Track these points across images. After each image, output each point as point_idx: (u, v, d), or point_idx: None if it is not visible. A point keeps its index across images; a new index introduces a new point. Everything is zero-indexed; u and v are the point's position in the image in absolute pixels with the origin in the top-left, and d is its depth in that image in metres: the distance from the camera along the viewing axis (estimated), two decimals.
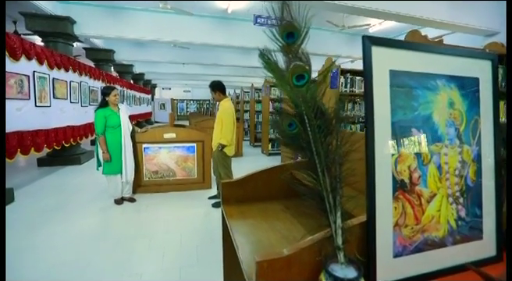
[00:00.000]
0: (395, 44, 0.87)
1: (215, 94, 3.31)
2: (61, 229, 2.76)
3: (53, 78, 4.76)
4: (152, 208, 3.39)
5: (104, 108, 3.30)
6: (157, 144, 3.82)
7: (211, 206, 3.40)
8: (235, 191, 1.52)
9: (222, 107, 3.25)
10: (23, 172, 5.05)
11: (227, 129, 3.15)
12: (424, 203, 0.88)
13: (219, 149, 3.21)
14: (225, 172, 3.33)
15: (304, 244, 0.78)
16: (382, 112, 0.83)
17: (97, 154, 3.36)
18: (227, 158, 3.31)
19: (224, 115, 3.18)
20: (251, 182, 1.55)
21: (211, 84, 3.33)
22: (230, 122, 3.18)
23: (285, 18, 0.76)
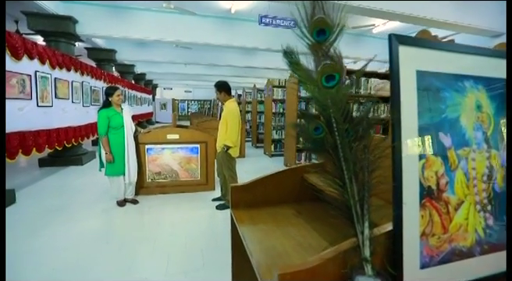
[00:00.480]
0: (422, 43, 0.83)
1: (220, 95, 3.26)
2: (63, 231, 2.72)
3: (55, 78, 4.72)
4: (155, 209, 3.34)
5: (107, 109, 3.26)
6: (160, 145, 3.77)
7: (216, 208, 3.35)
8: (244, 195, 1.48)
9: (227, 108, 3.20)
10: (24, 173, 5.01)
11: (232, 131, 3.11)
12: (452, 211, 0.84)
13: (224, 150, 3.16)
14: (229, 173, 3.28)
15: (329, 255, 0.73)
16: (408, 115, 0.78)
17: (99, 155, 3.31)
18: (232, 160, 3.27)
19: (229, 117, 3.13)
20: (261, 186, 1.50)
21: (216, 84, 3.28)
22: (235, 124, 3.13)
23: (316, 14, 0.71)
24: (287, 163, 5.84)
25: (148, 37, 6.49)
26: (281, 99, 6.77)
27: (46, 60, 4.45)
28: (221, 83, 3.26)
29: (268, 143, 6.96)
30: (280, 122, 6.88)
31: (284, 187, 1.55)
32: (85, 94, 5.85)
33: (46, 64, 4.47)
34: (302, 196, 1.58)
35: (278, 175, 1.55)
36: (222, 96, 3.26)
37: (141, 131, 3.72)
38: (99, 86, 6.65)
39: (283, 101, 6.81)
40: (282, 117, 6.89)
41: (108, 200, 3.55)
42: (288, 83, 5.78)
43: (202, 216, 3.17)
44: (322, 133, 0.75)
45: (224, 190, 3.48)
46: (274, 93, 6.71)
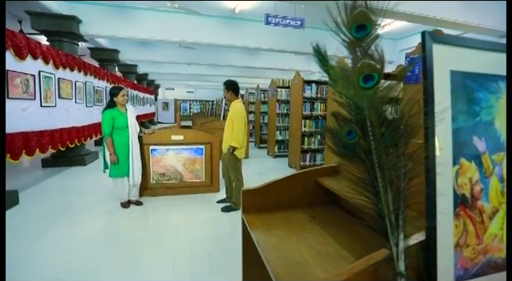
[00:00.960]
0: (457, 41, 0.78)
1: (227, 93, 3.21)
2: (66, 234, 2.68)
3: (58, 78, 4.69)
4: (160, 211, 3.30)
5: (112, 109, 3.22)
6: (164, 146, 3.73)
7: (221, 210, 3.30)
8: (256, 199, 1.43)
9: (233, 108, 3.15)
10: (27, 173, 4.98)
11: (238, 132, 3.06)
12: (486, 220, 0.79)
13: (230, 152, 3.11)
14: (235, 175, 3.24)
15: (358, 268, 0.68)
16: (442, 118, 0.74)
17: (104, 156, 3.27)
18: (238, 161, 3.22)
19: (235, 117, 3.08)
20: (273, 190, 1.45)
21: (226, 82, 3.23)
22: (242, 124, 3.08)
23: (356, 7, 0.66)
24: (292, 164, 5.79)
25: (152, 37, 6.46)
26: (285, 100, 6.71)
27: (50, 60, 4.42)
28: (230, 82, 3.22)
29: (271, 143, 6.91)
30: (284, 123, 6.82)
31: (296, 191, 1.50)
32: (88, 94, 5.82)
33: (50, 64, 4.44)
34: (315, 200, 1.54)
35: (290, 178, 1.50)
36: (229, 95, 3.21)
37: (145, 132, 3.68)
38: (102, 86, 6.62)
39: (287, 102, 6.75)
40: (286, 118, 6.84)
41: (112, 201, 3.51)
42: (292, 84, 5.73)
43: (207, 218, 3.12)
44: (355, 138, 0.69)
45: (229, 191, 3.43)
46: (278, 93, 6.66)
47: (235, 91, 3.21)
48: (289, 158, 5.92)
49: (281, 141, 6.86)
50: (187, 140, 3.79)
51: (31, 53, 3.95)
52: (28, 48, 3.88)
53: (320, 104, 5.40)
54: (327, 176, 1.53)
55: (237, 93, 3.24)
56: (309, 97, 5.32)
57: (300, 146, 5.31)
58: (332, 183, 1.44)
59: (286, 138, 6.85)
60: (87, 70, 5.74)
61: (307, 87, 5.29)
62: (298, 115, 5.35)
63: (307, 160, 5.45)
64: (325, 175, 1.53)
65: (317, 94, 5.37)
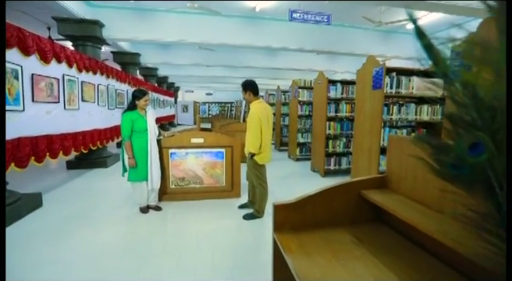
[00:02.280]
0: None
1: (246, 94, 3.00)
2: (85, 241, 2.60)
3: (82, 81, 4.73)
4: (179, 217, 3.17)
5: (132, 112, 3.15)
6: (184, 149, 3.61)
7: (243, 218, 3.12)
8: (290, 216, 1.22)
9: (252, 110, 2.94)
10: (52, 175, 5.07)
11: (253, 136, 2.84)
12: None
13: (249, 157, 2.94)
14: (258, 181, 3.05)
15: None
16: None
17: (122, 160, 3.20)
18: (259, 167, 3.03)
19: (250, 120, 2.88)
20: (309, 204, 1.24)
21: (243, 83, 3.06)
22: (256, 128, 2.82)
23: None
24: (315, 168, 5.51)
25: (172, 39, 6.45)
26: (307, 101, 6.45)
27: (73, 63, 4.47)
28: (247, 83, 3.02)
29: (293, 146, 6.66)
30: (306, 125, 6.56)
31: (337, 206, 1.28)
32: (110, 97, 5.88)
33: (73, 67, 4.48)
34: (358, 216, 1.31)
35: (329, 191, 1.28)
36: (248, 96, 3.00)
37: (165, 135, 3.58)
38: (124, 89, 6.69)
39: (309, 103, 6.49)
40: (308, 119, 6.57)
41: (131, 206, 3.43)
42: (315, 84, 5.47)
43: (229, 226, 2.94)
44: (484, 155, 0.43)
45: (251, 196, 3.25)
46: (299, 94, 6.41)
47: (253, 91, 2.98)
48: (312, 161, 5.65)
49: (303, 144, 6.60)
50: (207, 143, 3.65)
51: (56, 57, 3.99)
52: (53, 52, 3.92)
53: (346, 104, 5.09)
54: (373, 188, 1.29)
55: (256, 92, 3.02)
56: (334, 97, 5.04)
57: (324, 149, 5.03)
58: (380, 198, 1.20)
59: (308, 141, 6.58)
60: (109, 73, 5.79)
61: (332, 87, 5.00)
62: (322, 116, 5.07)
63: (332, 164, 5.16)
64: (371, 187, 1.30)
65: (342, 94, 5.07)
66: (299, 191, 3.81)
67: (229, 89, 21.37)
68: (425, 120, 3.56)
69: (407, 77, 3.46)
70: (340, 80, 5.14)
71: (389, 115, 3.49)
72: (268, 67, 10.35)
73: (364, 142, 3.80)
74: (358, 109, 3.95)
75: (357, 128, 4.01)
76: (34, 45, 3.52)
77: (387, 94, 3.40)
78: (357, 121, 3.99)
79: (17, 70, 3.23)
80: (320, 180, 4.94)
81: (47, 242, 2.57)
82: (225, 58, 9.72)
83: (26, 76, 3.38)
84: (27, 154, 3.35)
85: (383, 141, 3.50)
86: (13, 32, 3.15)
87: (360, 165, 3.91)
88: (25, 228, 2.88)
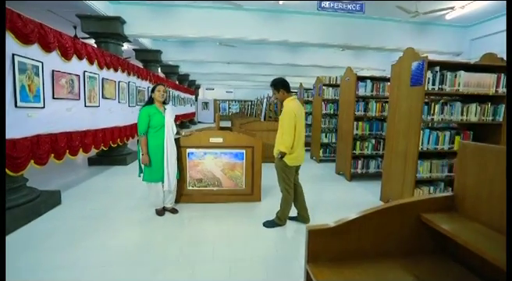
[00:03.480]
0: None
1: (279, 93, 2.76)
2: (97, 245, 2.48)
3: (102, 78, 4.70)
4: (196, 222, 2.99)
5: (149, 106, 3.01)
6: (202, 149, 3.43)
7: (263, 225, 2.88)
8: (328, 244, 0.95)
9: (285, 108, 2.70)
10: (74, 171, 5.11)
11: (287, 134, 2.60)
12: None
13: (279, 157, 2.70)
14: (284, 186, 2.80)
15: None
16: None
17: (138, 159, 3.06)
18: (287, 170, 2.75)
19: (284, 117, 2.64)
20: (353, 230, 0.97)
21: (273, 82, 2.80)
22: (291, 126, 2.61)
23: None
24: (340, 171, 5.16)
25: (192, 35, 6.31)
26: (332, 99, 6.08)
27: (94, 60, 4.43)
28: (279, 80, 2.78)
29: (316, 147, 6.32)
30: (330, 125, 6.19)
31: (389, 233, 1.00)
32: (131, 94, 5.85)
33: (94, 64, 4.45)
34: (416, 246, 1.02)
35: (379, 214, 1.00)
36: (281, 95, 2.77)
37: (183, 133, 3.41)
38: (145, 86, 6.67)
39: (334, 101, 6.11)
40: (333, 119, 6.20)
41: (148, 207, 3.30)
42: (342, 81, 5.10)
43: (248, 235, 2.72)
44: None
45: (298, 206, 2.97)
46: (324, 92, 6.05)
47: (286, 88, 2.76)
48: (337, 163, 5.29)
49: (326, 144, 6.24)
50: (227, 143, 3.44)
51: (77, 54, 3.96)
52: (74, 48, 3.88)
53: (376, 103, 4.69)
54: (436, 211, 1.00)
55: (289, 89, 2.80)
56: (363, 95, 4.65)
57: (351, 151, 4.67)
58: (449, 226, 0.91)
59: (333, 141, 6.21)
60: (130, 70, 5.77)
61: (361, 84, 4.62)
62: (349, 115, 4.71)
63: (359, 167, 4.78)
64: (434, 209, 1.01)
65: (372, 91, 4.67)
66: (325, 198, 3.49)
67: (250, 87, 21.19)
68: (473, 121, 3.12)
69: (452, 72, 3.04)
70: (370, 76, 4.73)
71: (430, 116, 3.08)
72: (290, 64, 10.00)
73: (398, 145, 3.42)
74: (392, 108, 3.56)
75: (390, 129, 3.63)
76: (55, 41, 3.48)
77: (428, 91, 3.01)
78: (391, 121, 3.61)
79: (38, 67, 3.19)
80: (346, 185, 4.60)
81: (61, 244, 2.48)
82: (246, 55, 9.51)
83: (46, 72, 3.34)
84: (47, 152, 3.32)
85: (422, 145, 3.11)
86: (34, 28, 3.10)
87: (393, 169, 3.53)
88: (41, 227, 2.82)
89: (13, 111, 2.83)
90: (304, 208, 2.96)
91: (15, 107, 2.85)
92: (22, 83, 2.95)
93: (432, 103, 3.07)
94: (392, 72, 3.58)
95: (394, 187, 3.50)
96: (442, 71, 3.04)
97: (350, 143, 4.67)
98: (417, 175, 3.14)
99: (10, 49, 2.78)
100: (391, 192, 3.58)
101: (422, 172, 3.18)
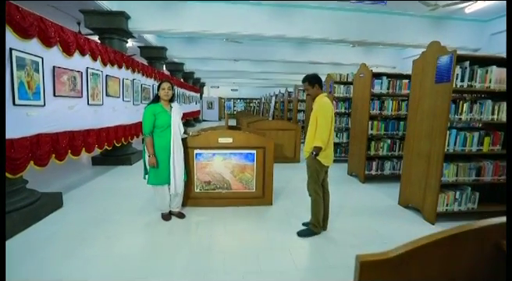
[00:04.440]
0: None
1: (312, 89, 2.62)
2: (99, 253, 2.31)
3: (106, 75, 4.53)
4: (204, 228, 2.80)
5: (155, 104, 2.82)
6: (210, 150, 3.24)
7: (297, 234, 2.65)
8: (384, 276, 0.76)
9: (319, 103, 2.54)
10: (78, 171, 4.96)
11: (323, 129, 2.44)
12: None
13: (313, 156, 2.48)
14: (314, 188, 2.61)
15: None
16: None
17: (144, 160, 2.88)
18: (321, 169, 2.57)
19: (320, 112, 2.47)
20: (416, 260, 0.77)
21: (307, 77, 2.64)
22: (327, 122, 2.46)
23: None
24: (352, 172, 4.93)
25: (198, 30, 6.10)
26: (343, 97, 5.83)
27: (98, 56, 4.26)
28: (313, 76, 2.64)
29: None
30: (341, 124, 5.95)
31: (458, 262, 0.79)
32: (135, 92, 5.68)
33: (98, 60, 4.27)
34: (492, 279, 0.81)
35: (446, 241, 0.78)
36: (315, 90, 2.62)
37: (190, 133, 3.21)
38: (150, 84, 6.50)
39: (345, 100, 5.87)
40: (344, 117, 5.95)
41: (153, 210, 3.13)
42: (356, 78, 4.85)
43: (261, 243, 2.52)
44: None
45: (314, 210, 2.70)
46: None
47: (320, 84, 2.63)
48: (349, 164, 5.06)
49: (337, 144, 6.00)
50: (237, 143, 3.24)
51: (79, 49, 3.78)
52: (76, 43, 3.71)
53: (392, 101, 4.44)
54: None
55: (322, 85, 2.66)
56: (378, 93, 4.41)
57: (365, 152, 4.43)
58: None
59: (344, 141, 5.97)
60: (134, 67, 5.59)
61: (377, 82, 4.37)
62: (363, 114, 4.47)
63: (373, 169, 4.55)
64: None
65: (388, 89, 4.42)
66: (339, 201, 3.26)
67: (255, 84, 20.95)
68: (505, 121, 2.87)
69: (483, 68, 2.79)
70: (387, 72, 4.48)
71: (458, 115, 2.84)
72: (299, 61, 9.75)
73: (420, 146, 3.18)
74: (413, 107, 3.33)
75: (410, 129, 3.39)
76: (56, 36, 3.31)
77: (456, 88, 2.76)
78: (412, 121, 3.37)
79: (38, 62, 3.02)
80: (360, 187, 4.37)
81: (59, 252, 2.31)
82: (253, 52, 9.28)
83: (47, 68, 3.17)
84: (47, 152, 3.15)
85: (448, 146, 2.88)
86: (34, 21, 2.92)
87: (413, 172, 3.30)
88: (41, 232, 2.66)
89: (11, 109, 2.66)
90: (326, 217, 2.75)
91: (13, 105, 2.69)
92: (20, 80, 2.77)
93: (460, 101, 2.83)
94: (413, 68, 3.34)
95: (415, 191, 3.27)
96: (472, 66, 2.79)
97: (364, 143, 4.43)
98: (442, 178, 2.90)
99: (7, 43, 2.60)
100: (411, 196, 3.35)
101: (448, 176, 2.94)
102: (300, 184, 4.36)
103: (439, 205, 2.94)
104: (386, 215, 3.22)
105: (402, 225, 2.98)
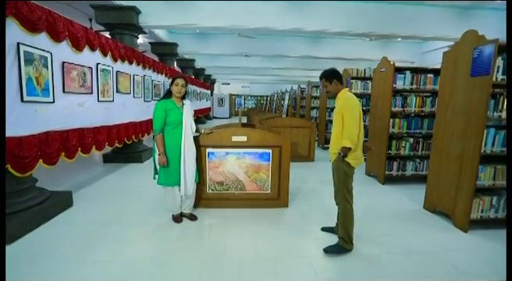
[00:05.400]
0: None
1: (331, 85, 2.30)
2: (107, 258, 2.18)
3: (117, 71, 4.43)
4: (217, 231, 2.65)
5: (166, 100, 2.67)
6: (224, 149, 3.07)
7: (324, 251, 2.29)
8: None
9: (342, 99, 2.24)
10: (89, 169, 4.91)
11: (351, 126, 2.12)
12: None
13: (340, 157, 2.18)
14: (344, 194, 2.25)
15: None
16: None
17: (153, 159, 2.74)
18: (351, 173, 2.25)
19: (346, 108, 2.16)
20: None
21: (322, 74, 2.35)
22: (355, 117, 2.14)
23: None
24: (370, 172, 4.68)
25: (209, 24, 5.93)
26: (361, 93, 5.56)
27: (108, 52, 4.15)
28: (330, 71, 2.33)
29: None
30: None
31: None
32: (146, 88, 5.58)
33: (108, 56, 4.17)
34: None
35: None
36: (334, 86, 2.30)
37: (202, 131, 3.05)
38: (160, 80, 6.40)
39: (363, 96, 5.59)
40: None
41: (163, 211, 3.00)
42: (376, 73, 4.58)
43: (278, 249, 2.34)
44: None
45: (341, 219, 2.35)
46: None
47: (339, 79, 2.30)
48: (368, 164, 4.80)
49: None
50: (251, 141, 3.07)
51: (89, 44, 3.68)
52: (86, 38, 3.60)
53: (416, 97, 4.15)
54: None
55: (342, 81, 2.33)
56: (401, 88, 4.13)
57: (385, 151, 4.18)
58: None
59: None
60: (145, 63, 5.49)
61: (399, 76, 4.09)
62: (384, 111, 4.21)
63: (394, 169, 4.28)
64: None
65: (412, 84, 4.13)
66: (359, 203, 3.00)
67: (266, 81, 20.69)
68: None
69: None
70: (410, 67, 4.19)
71: (497, 112, 2.57)
72: (312, 56, 9.46)
73: (451, 146, 2.92)
74: (443, 103, 3.06)
75: (439, 127, 3.13)
76: (66, 30, 3.20)
77: (496, 82, 2.49)
78: (441, 118, 3.10)
79: (46, 57, 2.92)
80: (380, 188, 4.13)
81: (65, 256, 2.20)
82: (265, 47, 9.05)
83: (56, 64, 3.07)
84: (57, 150, 3.06)
85: (485, 146, 2.61)
86: (42, 15, 2.81)
87: (442, 174, 3.04)
88: (48, 234, 2.56)
89: (19, 106, 2.57)
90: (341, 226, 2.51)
91: (21, 101, 2.59)
92: (28, 76, 2.68)
93: (501, 97, 2.55)
94: (444, 61, 3.06)
95: (444, 195, 3.01)
96: None
97: (385, 142, 4.17)
98: (477, 182, 2.64)
99: (14, 37, 2.50)
100: (439, 200, 3.09)
101: (483, 179, 2.67)
102: (316, 185, 4.16)
103: (472, 211, 2.68)
104: (412, 221, 2.99)
105: (430, 232, 2.74)
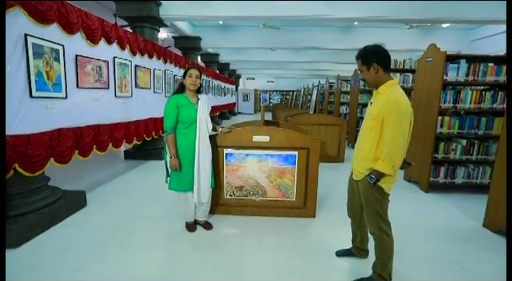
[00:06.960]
0: None
1: (369, 71, 1.60)
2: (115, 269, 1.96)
3: (135, 65, 4.25)
4: (234, 243, 2.33)
5: (179, 95, 2.39)
6: (243, 150, 2.73)
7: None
8: None
9: (388, 99, 1.53)
10: (109, 166, 4.84)
11: (395, 144, 1.50)
12: None
13: (371, 182, 1.60)
14: (379, 225, 1.66)
15: None
16: None
17: (165, 161, 2.48)
18: (385, 199, 1.65)
19: (393, 114, 1.49)
20: None
21: (361, 52, 1.63)
22: (404, 129, 1.51)
23: None
24: (411, 177, 4.11)
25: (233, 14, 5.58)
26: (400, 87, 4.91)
27: (126, 45, 3.97)
28: (370, 49, 1.60)
29: None
30: None
31: None
32: (167, 83, 5.40)
33: (126, 49, 3.99)
34: None
35: None
36: (372, 74, 1.60)
37: (219, 129, 2.73)
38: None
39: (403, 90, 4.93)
40: None
41: (176, 218, 2.73)
42: (421, 63, 3.96)
43: (303, 268, 1.96)
44: None
45: (359, 239, 2.04)
46: None
47: (384, 63, 1.57)
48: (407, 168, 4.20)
49: None
50: (274, 142, 2.69)
51: (105, 37, 3.50)
52: (102, 30, 3.42)
53: (472, 92, 3.50)
54: None
55: (388, 67, 1.61)
56: (453, 81, 3.50)
57: (431, 154, 3.59)
58: None
59: None
60: (166, 57, 5.29)
61: (452, 67, 3.46)
62: (430, 108, 3.61)
63: (441, 175, 3.67)
64: None
65: (467, 76, 3.48)
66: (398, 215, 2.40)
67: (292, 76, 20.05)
68: None
69: None
70: (466, 54, 3.53)
71: None
72: (342, 48, 8.78)
73: None
74: None
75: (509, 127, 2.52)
76: (79, 22, 3.02)
77: None
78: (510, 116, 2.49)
79: (58, 50, 2.75)
80: (423, 197, 3.57)
81: (71, 265, 2.00)
82: (291, 39, 8.54)
83: (69, 57, 2.91)
84: (70, 148, 2.92)
85: None
86: (53, 5, 2.64)
87: None
88: (56, 239, 2.40)
89: (27, 102, 2.42)
90: (366, 237, 2.04)
91: (29, 97, 2.43)
92: (38, 70, 2.51)
93: None
94: None
95: None
96: None
97: (431, 144, 3.58)
98: None
99: (22, 28, 2.33)
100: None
101: None
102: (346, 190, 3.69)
103: None
104: (470, 243, 2.44)
105: (496, 259, 2.19)
